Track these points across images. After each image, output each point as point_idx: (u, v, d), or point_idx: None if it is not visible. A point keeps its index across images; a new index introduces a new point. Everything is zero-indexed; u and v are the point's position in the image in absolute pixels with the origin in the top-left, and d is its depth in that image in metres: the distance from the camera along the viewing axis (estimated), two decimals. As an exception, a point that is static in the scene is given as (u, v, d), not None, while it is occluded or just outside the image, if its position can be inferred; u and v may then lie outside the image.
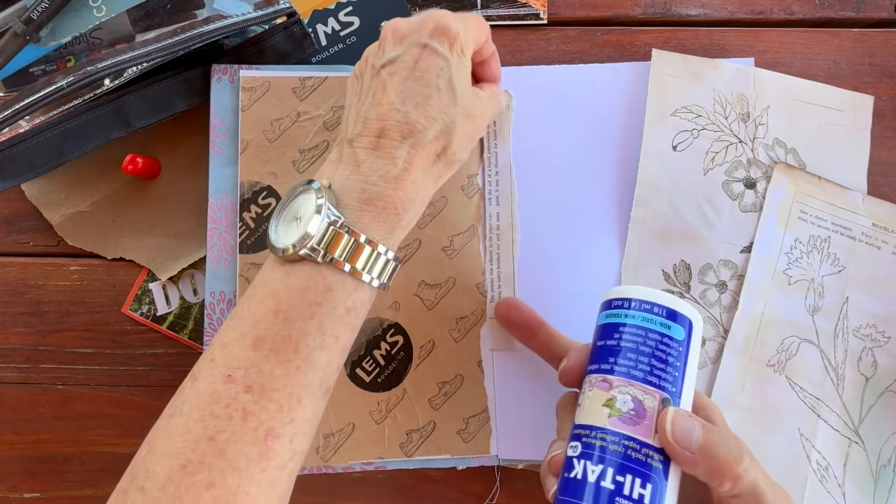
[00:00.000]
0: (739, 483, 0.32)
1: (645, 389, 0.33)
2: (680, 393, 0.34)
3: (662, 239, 0.48)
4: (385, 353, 0.46)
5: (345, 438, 0.45)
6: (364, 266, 0.35)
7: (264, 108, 0.47)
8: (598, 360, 0.35)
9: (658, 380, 0.34)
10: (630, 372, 0.34)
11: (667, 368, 0.34)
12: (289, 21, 0.47)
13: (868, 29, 0.52)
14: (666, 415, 0.33)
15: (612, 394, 0.34)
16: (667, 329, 0.35)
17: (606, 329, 0.36)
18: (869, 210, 0.49)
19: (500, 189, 0.48)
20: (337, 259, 0.34)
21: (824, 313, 0.48)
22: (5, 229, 0.50)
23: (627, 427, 0.33)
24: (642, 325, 0.35)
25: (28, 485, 0.49)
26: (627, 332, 0.35)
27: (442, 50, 0.38)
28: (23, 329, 0.50)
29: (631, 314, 0.35)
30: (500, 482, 0.48)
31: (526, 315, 0.44)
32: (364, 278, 0.35)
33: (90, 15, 0.44)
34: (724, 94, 0.50)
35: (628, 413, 0.33)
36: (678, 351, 0.34)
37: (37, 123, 0.44)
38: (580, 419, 0.34)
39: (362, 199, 0.35)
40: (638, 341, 0.34)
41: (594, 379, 0.35)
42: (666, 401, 0.33)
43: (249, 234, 0.46)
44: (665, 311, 0.35)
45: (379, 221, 0.36)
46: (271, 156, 0.47)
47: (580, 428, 0.34)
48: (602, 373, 0.35)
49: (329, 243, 0.34)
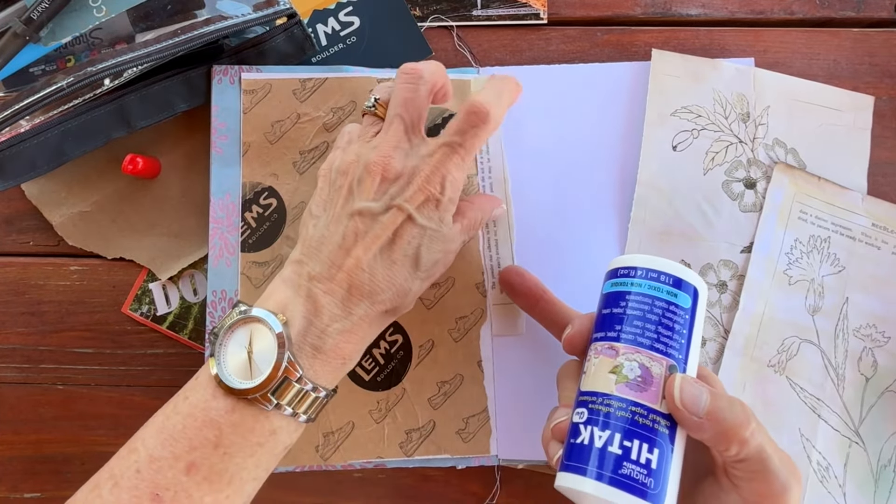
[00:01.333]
0: (746, 447, 0.32)
1: (651, 356, 0.34)
2: (686, 360, 0.34)
3: (662, 239, 0.48)
4: (384, 352, 0.46)
5: (344, 437, 0.45)
6: (305, 410, 0.36)
7: (265, 110, 0.47)
8: (604, 327, 0.36)
9: (665, 347, 0.34)
10: (637, 339, 0.34)
11: (673, 336, 0.34)
12: (289, 22, 0.47)
13: (868, 29, 0.52)
14: (674, 381, 0.33)
15: (618, 361, 0.34)
16: (673, 297, 0.35)
17: (612, 297, 0.36)
18: (869, 210, 0.49)
19: (493, 175, 0.48)
20: (283, 405, 0.35)
21: (824, 313, 0.48)
22: (5, 229, 0.51)
23: (634, 393, 0.33)
24: (649, 293, 0.35)
25: (28, 485, 0.49)
26: (634, 300, 0.35)
27: (421, 221, 0.37)
28: (23, 329, 0.50)
29: (637, 282, 0.36)
30: (500, 482, 0.48)
31: (528, 282, 0.44)
32: (301, 420, 0.36)
33: (90, 15, 0.44)
34: (724, 94, 0.50)
35: (635, 380, 0.33)
36: (684, 319, 0.35)
37: (37, 123, 0.44)
38: (586, 386, 0.35)
39: (317, 345, 0.36)
40: (644, 309, 0.35)
41: (600, 346, 0.35)
42: (673, 367, 0.34)
43: (251, 233, 0.47)
44: (671, 279, 0.35)
45: (328, 370, 0.36)
46: (272, 157, 0.47)
47: (586, 395, 0.34)
48: (608, 340, 0.35)
49: (280, 390, 0.35)
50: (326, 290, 0.36)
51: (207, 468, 0.33)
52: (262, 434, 0.35)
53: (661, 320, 0.34)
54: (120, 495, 0.33)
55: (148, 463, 0.33)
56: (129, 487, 0.33)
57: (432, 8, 0.52)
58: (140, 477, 0.33)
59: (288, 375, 0.34)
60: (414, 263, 0.37)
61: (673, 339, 0.34)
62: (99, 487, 0.34)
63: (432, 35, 0.52)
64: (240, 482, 0.34)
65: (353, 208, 0.37)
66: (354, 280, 0.36)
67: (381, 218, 0.37)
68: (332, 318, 0.36)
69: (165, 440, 0.34)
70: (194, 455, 0.33)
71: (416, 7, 0.52)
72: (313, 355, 0.36)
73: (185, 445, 0.34)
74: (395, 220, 0.37)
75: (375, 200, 0.37)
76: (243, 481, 0.34)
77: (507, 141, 0.49)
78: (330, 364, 0.36)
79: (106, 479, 0.34)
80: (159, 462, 0.33)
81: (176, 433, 0.34)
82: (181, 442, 0.34)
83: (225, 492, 0.34)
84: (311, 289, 0.36)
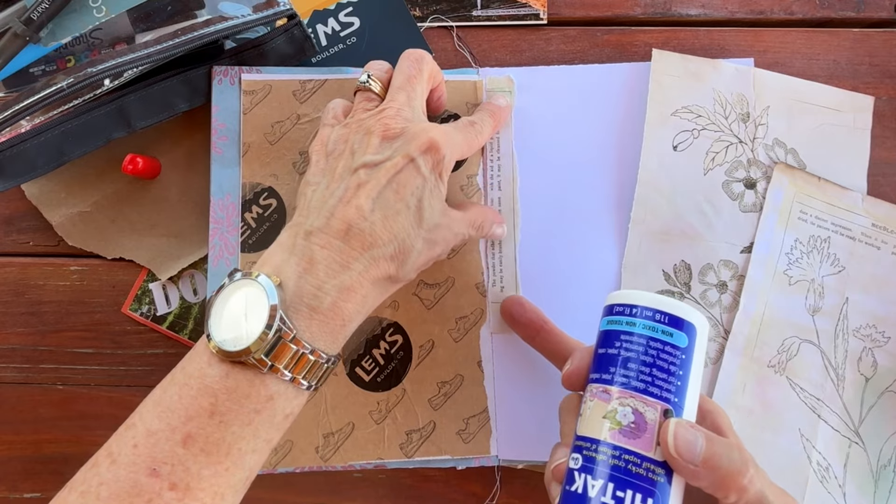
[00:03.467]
0: (745, 495, 0.31)
1: (646, 401, 0.32)
2: (683, 403, 0.33)
3: (662, 239, 0.48)
4: (384, 353, 0.46)
5: (344, 438, 0.45)
6: (304, 375, 0.35)
7: (265, 111, 0.47)
8: (600, 368, 0.35)
9: (660, 390, 0.33)
10: (631, 383, 0.33)
11: (669, 378, 0.33)
12: (289, 23, 0.47)
13: (868, 29, 0.52)
14: (668, 427, 0.32)
15: (612, 405, 0.33)
16: (669, 337, 0.34)
17: (608, 336, 0.35)
18: (869, 210, 0.49)
19: (503, 175, 0.48)
20: (280, 368, 0.34)
21: (824, 314, 0.48)
22: (5, 229, 0.51)
23: (628, 440, 0.32)
24: (643, 334, 0.34)
25: (28, 485, 0.49)
26: (628, 341, 0.34)
27: (424, 169, 0.37)
28: (23, 329, 0.50)
29: (632, 321, 0.34)
30: (500, 482, 0.48)
31: (529, 313, 0.44)
32: (302, 386, 0.35)
33: (90, 15, 0.44)
34: (725, 95, 0.50)
35: (629, 426, 0.32)
36: (681, 359, 0.33)
37: (37, 124, 0.44)
38: (581, 430, 0.34)
39: (313, 305, 0.35)
40: (639, 351, 0.33)
41: (595, 389, 0.34)
42: (668, 412, 0.32)
43: (251, 233, 0.47)
44: (668, 318, 0.34)
45: (326, 331, 0.35)
46: (272, 158, 0.47)
47: (581, 440, 0.33)
48: (602, 383, 0.34)
49: (275, 353, 0.34)
50: (323, 244, 0.35)
51: (204, 439, 0.33)
52: (258, 400, 0.34)
53: (657, 362, 0.33)
54: (117, 472, 0.32)
55: (145, 437, 0.33)
56: (127, 463, 0.32)
57: (432, 8, 0.52)
58: (137, 452, 0.32)
59: (282, 336, 0.33)
60: (417, 216, 0.37)
61: (669, 382, 0.33)
62: (97, 465, 0.33)
63: (432, 35, 0.52)
64: (238, 453, 0.33)
65: (358, 163, 0.37)
66: (353, 229, 0.35)
67: (385, 164, 0.37)
68: (329, 273, 0.35)
69: (162, 412, 0.33)
70: (190, 426, 0.33)
71: (416, 7, 0.52)
72: (310, 315, 0.34)
73: (182, 416, 0.33)
74: (399, 163, 0.37)
75: (380, 153, 0.37)
76: (242, 452, 0.33)
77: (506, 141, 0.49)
78: (328, 325, 0.35)
79: (104, 456, 0.33)
80: (156, 435, 0.33)
81: (172, 404, 0.33)
82: (177, 413, 0.33)
83: (224, 463, 0.33)
84: (308, 246, 0.35)
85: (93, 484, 0.32)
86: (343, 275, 0.35)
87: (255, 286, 0.34)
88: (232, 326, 0.34)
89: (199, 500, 0.32)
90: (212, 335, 0.34)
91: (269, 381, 0.34)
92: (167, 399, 0.34)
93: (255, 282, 0.34)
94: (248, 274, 0.35)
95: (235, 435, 0.33)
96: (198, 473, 0.32)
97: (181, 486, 0.32)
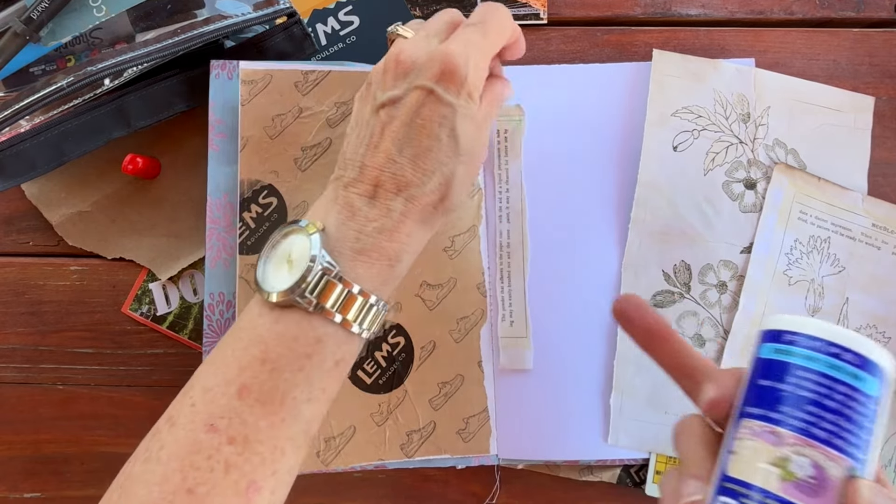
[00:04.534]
0: None
1: (828, 454, 0.27)
2: (867, 460, 0.28)
3: (662, 239, 0.48)
4: (386, 355, 0.46)
5: (346, 442, 0.45)
6: (355, 317, 0.34)
7: (265, 102, 0.46)
8: (762, 403, 0.29)
9: (845, 443, 0.28)
10: (809, 430, 0.28)
11: (854, 430, 0.28)
12: (289, 21, 0.47)
13: (868, 29, 0.52)
14: (858, 490, 0.27)
15: (784, 452, 0.28)
16: (857, 381, 0.28)
17: (773, 366, 0.30)
18: (869, 210, 0.49)
19: (511, 206, 0.48)
20: (328, 309, 0.33)
21: (824, 314, 0.48)
22: (5, 229, 0.50)
23: (803, 497, 0.27)
24: (827, 373, 0.28)
25: (28, 485, 0.49)
26: (806, 378, 0.29)
27: (447, 97, 0.35)
28: (23, 329, 0.50)
29: (811, 355, 0.29)
30: (500, 482, 0.48)
31: (650, 317, 0.36)
32: (354, 329, 0.34)
33: (90, 15, 0.44)
34: (725, 95, 0.50)
35: (806, 480, 0.27)
36: (870, 409, 0.28)
37: (37, 123, 0.44)
38: (735, 471, 0.29)
39: (356, 248, 0.34)
40: (821, 392, 0.28)
41: (756, 426, 0.29)
42: (852, 470, 0.27)
43: (250, 234, 0.46)
44: (857, 358, 0.28)
45: (373, 272, 0.35)
46: (272, 153, 0.46)
47: (735, 483, 0.28)
48: (769, 422, 0.29)
49: (321, 292, 0.33)
50: (360, 192, 0.35)
51: (258, 388, 0.32)
52: (306, 342, 0.33)
53: (843, 409, 0.28)
54: (177, 433, 0.32)
55: (201, 394, 0.32)
56: (185, 423, 0.32)
57: (432, 8, 0.52)
58: (195, 410, 0.32)
59: (325, 273, 0.33)
60: (452, 145, 0.36)
61: (855, 435, 0.28)
62: (158, 432, 0.33)
63: (432, 35, 0.52)
64: (293, 402, 0.33)
65: (377, 103, 0.37)
66: (383, 174, 0.35)
67: (405, 100, 0.36)
68: (369, 217, 0.35)
69: (217, 369, 0.33)
70: (244, 376, 0.32)
71: (416, 7, 0.52)
72: (353, 257, 0.34)
73: (235, 368, 0.33)
74: (418, 98, 0.35)
75: (396, 87, 0.36)
76: (297, 401, 0.33)
77: (507, 141, 0.49)
78: (374, 266, 0.35)
79: (164, 422, 0.33)
80: (212, 391, 0.32)
81: (226, 359, 0.33)
82: (231, 366, 0.33)
83: (279, 414, 0.32)
84: (347, 196, 0.35)
85: (154, 449, 0.32)
86: (382, 218, 0.35)
87: (299, 232, 0.35)
88: (278, 272, 0.35)
89: (258, 454, 0.32)
90: (260, 284, 0.34)
91: (316, 323, 0.34)
92: (220, 356, 0.34)
93: (299, 227, 0.35)
94: (293, 223, 0.36)
95: (288, 382, 0.33)
96: (255, 425, 0.32)
97: (239, 440, 0.31)
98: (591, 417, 0.47)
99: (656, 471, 0.47)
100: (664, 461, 0.47)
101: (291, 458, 0.33)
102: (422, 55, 0.36)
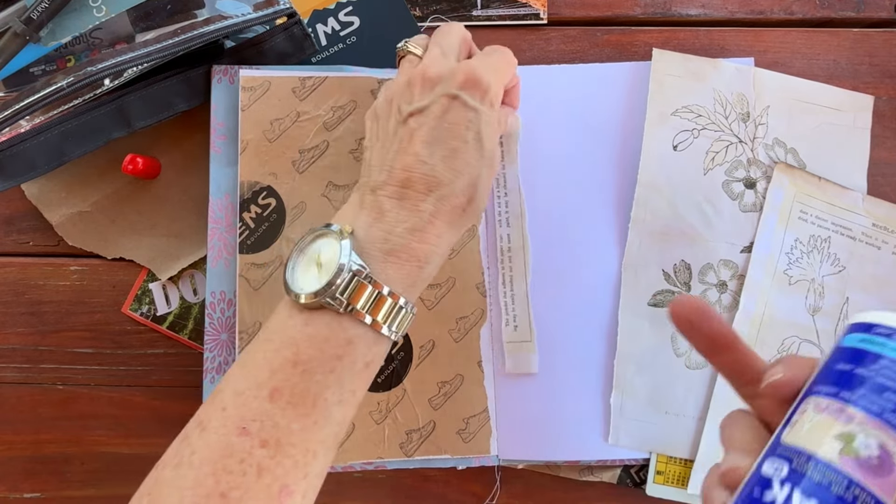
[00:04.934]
0: None
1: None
2: None
3: (662, 239, 0.48)
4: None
5: (345, 439, 0.45)
6: (385, 319, 0.34)
7: (264, 107, 0.47)
8: (838, 383, 0.29)
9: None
10: (884, 414, 0.28)
11: None
12: (289, 21, 0.47)
13: (868, 29, 0.52)
14: None
15: (850, 428, 0.28)
16: None
17: (856, 354, 0.30)
18: (869, 210, 0.49)
19: (510, 210, 0.48)
20: (359, 310, 0.33)
21: (825, 313, 0.48)
22: (5, 229, 0.51)
23: (864, 474, 0.27)
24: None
25: (28, 485, 0.49)
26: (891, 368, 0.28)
27: (472, 102, 0.37)
28: (23, 329, 0.50)
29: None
30: (500, 482, 0.48)
31: (714, 324, 0.34)
32: (384, 331, 0.35)
33: (90, 15, 0.44)
34: (725, 94, 0.50)
35: (869, 458, 0.27)
36: None
37: (37, 123, 0.44)
38: (793, 439, 0.29)
39: (385, 249, 0.35)
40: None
41: (825, 402, 0.29)
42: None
43: (249, 234, 0.46)
44: None
45: (402, 273, 0.35)
46: (271, 156, 0.47)
47: (791, 450, 0.28)
48: (840, 400, 0.29)
49: (352, 294, 0.33)
50: (389, 194, 0.36)
51: (289, 390, 0.32)
52: (337, 344, 0.33)
53: None
54: (208, 437, 0.32)
55: (233, 398, 0.32)
56: (217, 427, 0.32)
57: (432, 8, 0.52)
58: (226, 414, 0.32)
59: (356, 274, 0.33)
60: (478, 148, 0.37)
61: None
62: (188, 437, 0.33)
63: (432, 35, 0.52)
64: (324, 404, 0.33)
65: (404, 114, 0.37)
66: (413, 175, 0.35)
67: (432, 108, 0.37)
68: (399, 218, 0.35)
69: (247, 372, 0.33)
70: (275, 379, 0.32)
71: (416, 7, 0.52)
72: (383, 259, 0.35)
73: (266, 371, 0.33)
74: (445, 104, 0.37)
75: (424, 98, 0.37)
76: (328, 403, 0.33)
77: (507, 141, 0.49)
78: (404, 267, 0.35)
79: (194, 427, 0.33)
80: (244, 395, 0.32)
81: (257, 362, 0.33)
82: (262, 369, 0.33)
83: (311, 416, 0.32)
84: (375, 199, 0.36)
85: (185, 454, 0.32)
86: (413, 218, 0.35)
87: (328, 235, 0.35)
88: (307, 275, 0.35)
89: (290, 457, 0.32)
90: (289, 286, 0.35)
91: (346, 324, 0.34)
92: (251, 359, 0.34)
93: (329, 230, 0.35)
94: (323, 227, 0.36)
95: (319, 384, 0.33)
96: (287, 428, 0.32)
97: (272, 443, 0.31)
98: (592, 417, 0.47)
99: (657, 471, 0.47)
100: (664, 461, 0.47)
101: (322, 462, 0.33)
102: (446, 69, 0.38)
